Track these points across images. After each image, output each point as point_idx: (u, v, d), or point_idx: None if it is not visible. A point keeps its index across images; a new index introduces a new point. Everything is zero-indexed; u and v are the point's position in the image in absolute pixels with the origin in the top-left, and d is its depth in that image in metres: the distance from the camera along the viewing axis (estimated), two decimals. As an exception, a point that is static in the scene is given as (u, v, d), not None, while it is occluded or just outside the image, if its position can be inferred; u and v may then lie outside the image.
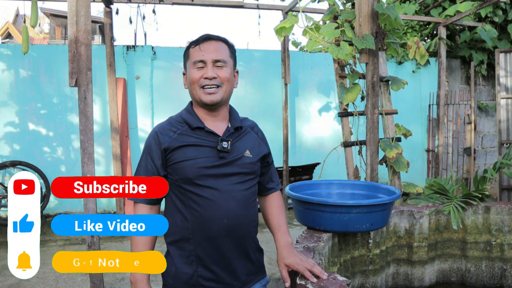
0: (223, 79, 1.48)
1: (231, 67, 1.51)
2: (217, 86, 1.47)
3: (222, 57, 1.48)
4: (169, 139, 1.47)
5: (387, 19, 3.16)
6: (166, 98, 6.07)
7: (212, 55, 1.46)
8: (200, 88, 1.48)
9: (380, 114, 3.33)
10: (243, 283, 1.52)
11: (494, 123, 7.57)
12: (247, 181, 1.52)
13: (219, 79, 1.47)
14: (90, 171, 2.71)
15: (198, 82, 1.47)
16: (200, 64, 1.47)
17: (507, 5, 6.87)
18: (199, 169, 1.44)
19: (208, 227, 1.45)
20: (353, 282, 2.42)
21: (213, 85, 1.46)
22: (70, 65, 2.71)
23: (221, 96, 1.49)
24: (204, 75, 1.46)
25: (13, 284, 3.46)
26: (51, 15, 18.87)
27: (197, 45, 1.49)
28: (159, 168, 1.48)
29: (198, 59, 1.47)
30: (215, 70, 1.47)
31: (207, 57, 1.46)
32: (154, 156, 1.48)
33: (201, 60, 1.46)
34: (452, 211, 2.65)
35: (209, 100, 1.47)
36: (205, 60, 1.46)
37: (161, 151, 1.47)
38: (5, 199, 5.36)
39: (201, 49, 1.47)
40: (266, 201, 1.68)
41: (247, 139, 1.57)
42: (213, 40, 1.49)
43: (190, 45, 1.52)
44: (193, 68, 1.48)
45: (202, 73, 1.47)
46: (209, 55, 1.46)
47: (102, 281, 2.83)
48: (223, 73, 1.48)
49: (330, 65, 5.97)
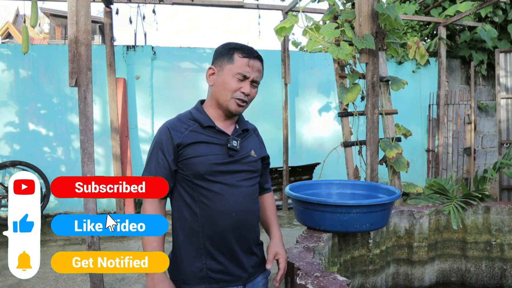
0: (252, 98, 1.59)
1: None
2: (245, 102, 1.57)
3: (260, 79, 1.60)
4: (181, 135, 1.52)
5: (387, 19, 3.16)
6: (166, 98, 6.07)
7: (255, 75, 1.56)
8: (232, 98, 1.54)
9: (380, 114, 3.33)
10: (250, 275, 1.59)
11: (494, 123, 7.57)
12: (252, 178, 1.61)
13: (250, 97, 1.57)
14: (90, 171, 2.71)
15: (234, 93, 1.54)
16: (241, 77, 1.54)
17: (507, 5, 6.87)
18: (210, 165, 1.50)
19: (217, 220, 1.51)
20: (353, 282, 2.42)
21: (244, 100, 1.55)
22: (70, 65, 2.71)
23: (244, 110, 1.59)
24: (242, 89, 1.54)
25: (13, 284, 3.46)
26: (51, 15, 18.87)
27: (247, 58, 1.54)
28: (171, 163, 1.52)
29: (243, 73, 1.53)
30: (250, 87, 1.56)
31: (251, 75, 1.55)
32: (166, 151, 1.52)
33: (245, 75, 1.53)
34: (452, 211, 2.65)
35: (236, 111, 1.56)
36: (248, 76, 1.54)
37: (173, 146, 1.51)
38: (5, 199, 5.36)
39: (249, 65, 1.54)
40: (262, 200, 1.77)
41: (251, 140, 1.66)
42: (259, 61, 1.58)
43: (236, 51, 1.56)
44: (233, 77, 1.54)
45: (240, 86, 1.54)
46: (253, 74, 1.55)
47: (102, 281, 2.83)
48: (254, 93, 1.59)
49: (330, 65, 5.97)
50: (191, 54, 6.19)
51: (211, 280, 1.52)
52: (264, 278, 1.67)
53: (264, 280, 1.67)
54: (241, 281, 1.56)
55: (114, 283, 3.50)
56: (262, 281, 1.66)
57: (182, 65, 6.15)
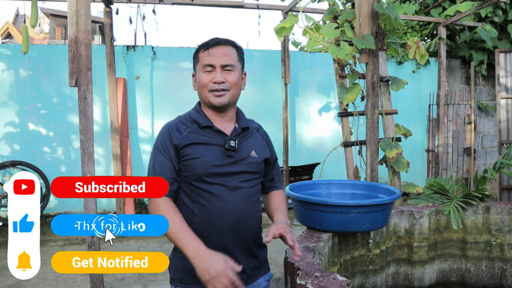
0: (231, 83, 1.52)
1: (239, 70, 1.56)
2: (225, 90, 1.52)
3: (231, 61, 1.52)
4: (180, 135, 1.52)
5: (387, 19, 3.16)
6: (166, 98, 6.07)
7: (220, 60, 1.50)
8: (209, 92, 1.52)
9: (380, 114, 3.33)
10: (249, 277, 1.57)
11: (494, 123, 7.57)
12: (252, 179, 1.57)
13: (227, 83, 1.52)
14: (90, 171, 2.72)
15: (207, 86, 1.52)
16: (209, 68, 1.51)
17: (507, 5, 6.87)
18: (209, 167, 1.49)
19: (215, 222, 1.49)
20: (353, 282, 2.42)
21: (221, 89, 1.51)
22: (70, 65, 2.71)
23: (229, 99, 1.53)
24: (213, 79, 1.50)
25: (13, 284, 3.46)
26: (51, 15, 18.86)
27: (207, 49, 1.52)
28: (175, 162, 1.51)
29: (207, 63, 1.51)
30: (224, 74, 1.51)
31: (216, 62, 1.50)
32: (169, 150, 1.51)
33: (210, 64, 1.50)
34: (452, 211, 2.65)
35: (217, 102, 1.52)
36: (214, 64, 1.50)
37: (173, 146, 1.51)
38: (5, 199, 5.36)
39: (210, 53, 1.51)
40: (268, 196, 1.73)
41: (253, 140, 1.62)
42: (222, 45, 1.53)
43: (200, 48, 1.56)
44: (202, 72, 1.52)
45: (211, 77, 1.51)
46: (218, 60, 1.50)
47: (102, 281, 2.83)
48: (231, 78, 1.52)
49: (330, 65, 5.97)
50: (191, 54, 6.16)
51: None
52: (266, 281, 1.65)
53: (266, 283, 1.65)
54: None
55: (114, 283, 3.50)
56: (264, 283, 1.64)
57: (182, 65, 6.15)
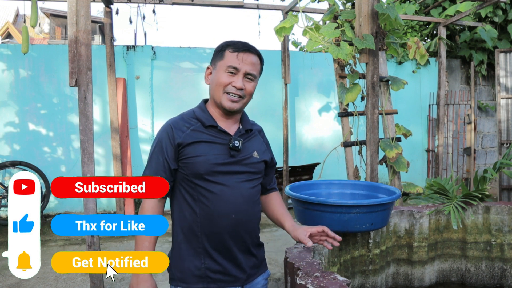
0: (248, 92, 1.54)
1: (257, 82, 1.58)
2: (241, 97, 1.52)
3: (254, 71, 1.54)
4: (183, 134, 1.51)
5: (387, 19, 3.16)
6: (166, 98, 6.07)
7: (247, 67, 1.51)
8: (224, 93, 1.51)
9: (380, 114, 3.33)
10: (248, 276, 1.59)
11: (494, 123, 7.57)
12: (253, 180, 1.59)
13: (245, 91, 1.53)
14: (90, 171, 2.71)
15: (225, 87, 1.51)
16: (233, 70, 1.50)
17: (507, 5, 6.87)
18: (210, 165, 1.49)
19: (216, 221, 1.50)
20: (353, 282, 2.42)
21: (237, 95, 1.51)
22: (70, 65, 2.71)
23: (241, 106, 1.55)
24: (233, 83, 1.50)
25: (13, 284, 3.46)
26: (51, 15, 18.85)
27: (236, 51, 1.51)
28: (171, 161, 1.51)
29: (232, 65, 1.50)
30: (244, 81, 1.52)
31: (242, 67, 1.50)
32: (167, 149, 1.51)
33: (235, 67, 1.50)
34: (452, 211, 2.65)
35: (229, 107, 1.52)
36: (239, 69, 1.50)
37: (173, 145, 1.51)
38: (5, 199, 5.36)
39: (239, 58, 1.51)
40: (268, 198, 1.75)
41: (255, 141, 1.64)
42: (251, 53, 1.53)
43: (228, 47, 1.54)
44: (224, 72, 1.51)
45: (231, 80, 1.50)
46: (244, 66, 1.51)
47: (102, 281, 2.83)
48: (250, 87, 1.54)
49: (330, 65, 5.96)
50: (191, 54, 6.19)
51: (209, 280, 1.52)
52: (264, 279, 1.66)
53: (264, 281, 1.67)
54: (239, 282, 1.56)
55: (114, 283, 3.50)
56: (262, 282, 1.65)
57: (182, 65, 6.15)
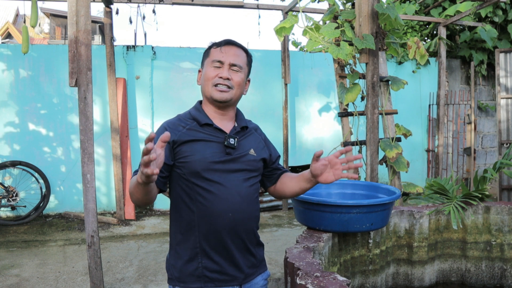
0: (235, 82, 1.56)
1: (245, 73, 1.61)
2: (228, 87, 1.55)
3: (239, 62, 1.57)
4: (178, 133, 1.53)
5: (387, 19, 3.16)
6: (166, 98, 6.07)
7: (230, 58, 1.55)
8: (212, 86, 1.55)
9: (380, 114, 3.33)
10: (246, 275, 1.59)
11: (494, 123, 7.57)
12: (251, 178, 1.59)
13: (232, 82, 1.56)
14: (90, 171, 2.72)
15: (212, 80, 1.55)
16: (217, 64, 1.55)
17: (507, 5, 6.87)
18: (207, 163, 1.50)
19: (214, 220, 1.50)
20: (353, 282, 2.42)
21: (225, 85, 1.54)
22: (70, 65, 2.71)
23: (231, 97, 1.56)
24: (219, 74, 1.54)
25: (13, 284, 3.46)
26: (51, 15, 18.86)
27: (219, 46, 1.57)
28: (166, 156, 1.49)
29: (216, 59, 1.55)
30: (230, 72, 1.55)
31: (225, 59, 1.55)
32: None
33: (219, 60, 1.55)
34: (452, 211, 2.65)
35: (219, 97, 1.54)
36: (223, 61, 1.55)
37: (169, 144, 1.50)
38: (5, 199, 5.36)
39: (222, 51, 1.56)
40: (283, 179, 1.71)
41: (251, 139, 1.65)
42: (234, 46, 1.59)
43: (212, 45, 1.60)
44: (210, 67, 1.56)
45: (217, 72, 1.55)
46: (228, 57, 1.55)
47: (102, 281, 2.83)
48: (237, 77, 1.56)
49: (330, 65, 5.97)
50: (191, 54, 6.19)
51: (206, 279, 1.52)
52: (263, 280, 1.66)
53: (263, 281, 1.66)
54: (237, 281, 1.56)
55: (114, 283, 3.50)
56: (261, 282, 1.65)
57: (182, 65, 6.15)
